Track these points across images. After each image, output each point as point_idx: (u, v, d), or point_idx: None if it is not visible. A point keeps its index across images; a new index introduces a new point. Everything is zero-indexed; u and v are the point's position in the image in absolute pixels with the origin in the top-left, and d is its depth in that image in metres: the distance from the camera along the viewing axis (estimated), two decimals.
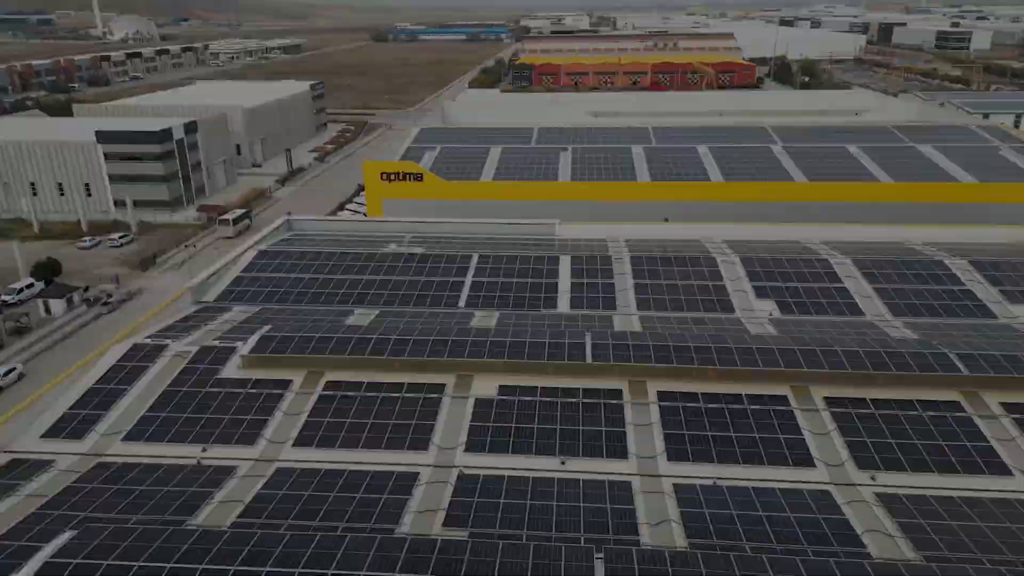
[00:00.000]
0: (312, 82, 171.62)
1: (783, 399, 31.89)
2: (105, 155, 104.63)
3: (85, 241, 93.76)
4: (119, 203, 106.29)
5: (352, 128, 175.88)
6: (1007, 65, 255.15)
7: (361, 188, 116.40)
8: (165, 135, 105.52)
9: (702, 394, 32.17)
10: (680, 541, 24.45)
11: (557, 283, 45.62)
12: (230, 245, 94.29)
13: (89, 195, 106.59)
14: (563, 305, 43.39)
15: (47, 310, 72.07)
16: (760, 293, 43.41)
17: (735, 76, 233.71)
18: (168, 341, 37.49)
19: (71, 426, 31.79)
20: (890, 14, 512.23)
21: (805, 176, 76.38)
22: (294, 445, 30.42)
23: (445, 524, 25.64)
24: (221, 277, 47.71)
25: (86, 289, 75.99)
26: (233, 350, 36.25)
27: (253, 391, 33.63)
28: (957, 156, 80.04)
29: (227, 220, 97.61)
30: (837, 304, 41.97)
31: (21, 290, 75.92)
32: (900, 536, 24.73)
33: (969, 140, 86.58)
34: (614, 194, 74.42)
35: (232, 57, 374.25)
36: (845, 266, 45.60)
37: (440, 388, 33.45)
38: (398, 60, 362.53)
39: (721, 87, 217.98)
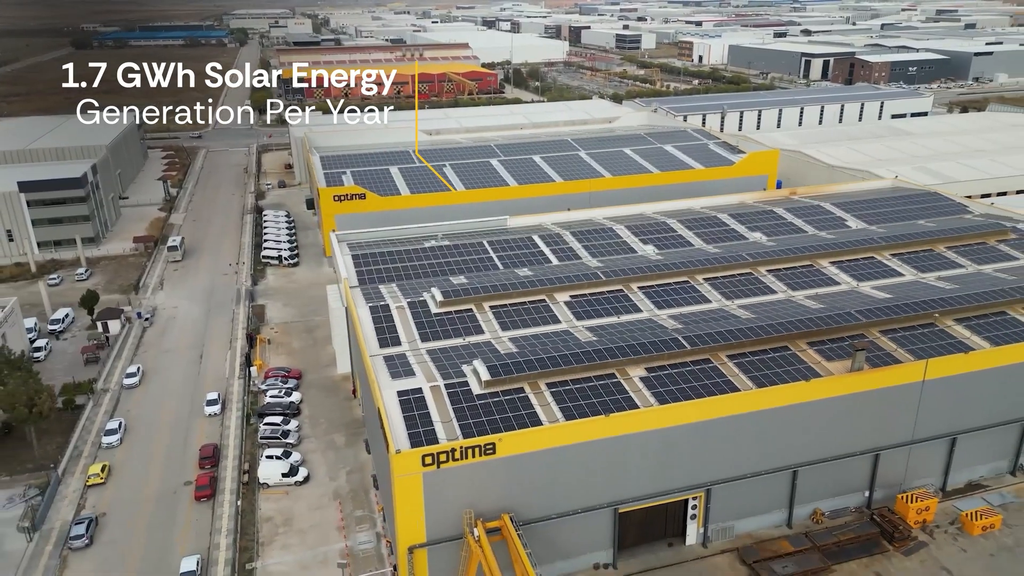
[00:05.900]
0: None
1: (687, 283, 74.01)
2: (28, 202, 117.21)
3: (54, 278, 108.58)
4: (43, 244, 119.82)
5: (173, 152, 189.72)
6: (671, 63, 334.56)
7: (259, 210, 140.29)
8: (84, 179, 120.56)
9: (657, 284, 73.13)
10: (680, 328, 64.85)
11: (543, 251, 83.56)
12: (181, 267, 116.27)
13: (11, 240, 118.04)
14: (555, 261, 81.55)
15: (106, 329, 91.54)
16: (644, 242, 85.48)
17: (482, 83, 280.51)
18: (385, 302, 69.32)
19: (388, 341, 63.40)
20: (570, 14, 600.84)
21: (610, 173, 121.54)
22: (502, 331, 65.56)
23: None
24: (349, 271, 78.11)
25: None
26: (425, 300, 69.34)
27: (457, 315, 67.59)
28: (688, 151, 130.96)
29: (175, 247, 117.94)
30: (681, 244, 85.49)
31: (62, 320, 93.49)
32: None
33: (689, 139, 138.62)
34: (503, 195, 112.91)
35: None
36: (675, 223, 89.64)
37: (543, 300, 70.28)
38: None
39: (478, 93, 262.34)
